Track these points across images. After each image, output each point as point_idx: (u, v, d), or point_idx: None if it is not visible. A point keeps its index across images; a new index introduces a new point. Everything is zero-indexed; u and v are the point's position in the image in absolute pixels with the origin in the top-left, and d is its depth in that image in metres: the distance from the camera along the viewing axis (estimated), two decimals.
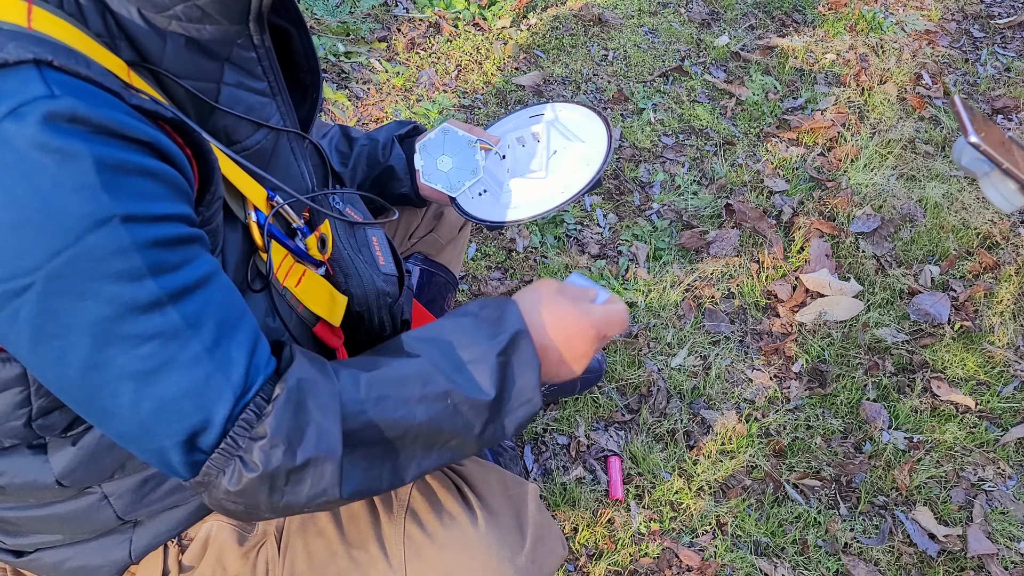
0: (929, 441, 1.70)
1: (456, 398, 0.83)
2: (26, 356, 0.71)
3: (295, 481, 0.77)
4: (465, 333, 0.88)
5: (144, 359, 0.70)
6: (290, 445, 0.76)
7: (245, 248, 0.91)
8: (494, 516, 0.99)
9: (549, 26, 2.72)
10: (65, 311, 0.67)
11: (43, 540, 0.96)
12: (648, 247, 2.06)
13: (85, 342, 0.68)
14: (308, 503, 0.79)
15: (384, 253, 1.11)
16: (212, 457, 0.75)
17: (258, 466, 0.75)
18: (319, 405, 0.78)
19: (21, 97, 0.63)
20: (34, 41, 0.66)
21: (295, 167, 1.00)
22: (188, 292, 0.71)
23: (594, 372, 1.72)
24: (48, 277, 0.65)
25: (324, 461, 0.77)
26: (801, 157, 2.34)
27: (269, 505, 0.78)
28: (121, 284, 0.67)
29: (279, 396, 0.76)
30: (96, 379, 0.70)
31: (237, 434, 0.74)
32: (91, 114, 0.64)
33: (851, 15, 2.86)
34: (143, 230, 0.67)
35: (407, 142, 1.28)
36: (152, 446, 0.74)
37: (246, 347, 0.77)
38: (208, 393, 0.73)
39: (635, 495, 1.61)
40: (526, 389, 0.87)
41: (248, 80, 0.88)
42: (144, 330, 0.69)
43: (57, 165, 0.63)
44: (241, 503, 0.78)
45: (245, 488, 0.76)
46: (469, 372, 0.85)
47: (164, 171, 0.70)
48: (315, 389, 0.79)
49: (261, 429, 0.75)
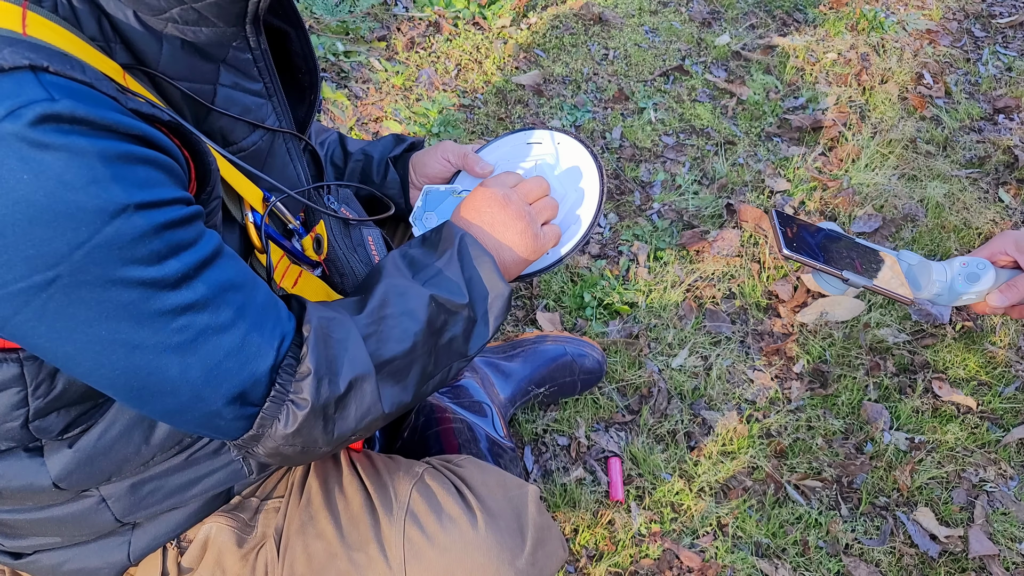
0: (930, 442, 1.70)
1: (439, 299, 0.92)
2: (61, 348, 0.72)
3: (343, 407, 0.85)
4: (419, 258, 0.97)
5: (181, 331, 0.73)
6: (332, 375, 0.83)
7: (242, 249, 0.92)
8: (494, 518, 0.99)
9: (549, 25, 2.72)
10: (96, 299, 0.69)
11: (41, 542, 0.96)
12: (649, 247, 2.06)
13: (122, 326, 0.71)
14: (357, 424, 0.87)
15: (380, 252, 1.11)
16: (265, 407, 0.80)
17: (308, 401, 0.81)
18: (343, 335, 0.85)
19: (19, 99, 0.63)
20: (29, 47, 0.66)
21: (291, 168, 1.01)
22: (208, 264, 0.75)
23: (594, 373, 1.71)
24: (73, 270, 0.67)
25: (363, 381, 0.85)
26: (802, 156, 2.33)
27: (325, 437, 0.85)
28: (145, 267, 0.70)
29: (309, 336, 0.83)
30: (140, 360, 0.73)
31: (283, 380, 0.81)
32: (90, 115, 0.65)
33: (852, 14, 2.85)
34: (156, 215, 0.70)
35: (401, 161, 1.27)
36: (204, 411, 0.78)
37: (271, 304, 0.82)
38: (249, 349, 0.78)
39: (636, 496, 1.60)
40: (491, 283, 0.96)
41: (244, 81, 0.88)
42: (176, 305, 0.72)
43: (63, 162, 0.64)
44: (299, 442, 0.84)
45: (301, 426, 0.82)
46: (440, 281, 0.94)
47: (162, 160, 0.72)
48: (333, 323, 0.86)
49: (304, 368, 0.82)
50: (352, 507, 1.02)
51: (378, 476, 1.04)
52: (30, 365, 0.79)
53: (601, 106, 2.47)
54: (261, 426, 0.81)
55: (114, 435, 0.87)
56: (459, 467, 1.07)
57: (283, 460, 0.87)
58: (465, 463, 1.08)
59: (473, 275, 0.95)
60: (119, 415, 0.87)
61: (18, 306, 0.67)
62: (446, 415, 1.49)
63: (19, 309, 0.67)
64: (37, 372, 0.79)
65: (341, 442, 0.88)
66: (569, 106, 2.44)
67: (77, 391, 0.82)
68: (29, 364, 0.79)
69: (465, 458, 1.10)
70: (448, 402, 1.52)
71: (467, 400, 1.56)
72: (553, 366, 1.68)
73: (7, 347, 0.77)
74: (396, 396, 0.89)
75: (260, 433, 0.82)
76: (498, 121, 2.38)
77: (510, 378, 1.65)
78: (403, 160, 1.27)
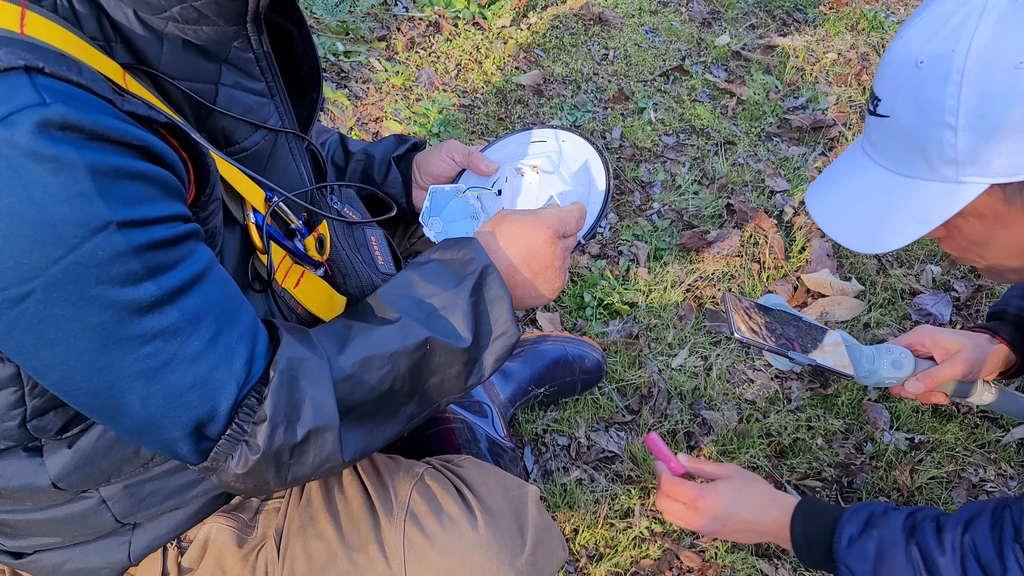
0: (930, 442, 1.70)
1: (434, 343, 0.87)
2: (29, 362, 0.71)
3: (299, 454, 0.81)
4: (433, 280, 0.90)
5: (148, 358, 0.72)
6: (290, 423, 0.79)
7: (244, 249, 0.91)
8: (494, 518, 0.99)
9: (549, 25, 2.72)
10: (67, 317, 0.67)
11: (42, 542, 0.96)
12: (649, 247, 2.06)
13: (89, 346, 0.69)
14: (314, 472, 0.83)
15: (383, 253, 1.10)
16: (219, 444, 0.78)
17: (261, 447, 0.78)
18: (311, 380, 0.81)
19: (11, 105, 0.63)
20: (25, 47, 0.66)
21: (294, 168, 1.00)
22: (186, 289, 0.73)
23: (594, 373, 1.71)
24: (47, 285, 0.65)
25: (324, 431, 0.81)
26: (802, 156, 2.33)
27: (277, 480, 0.82)
28: (120, 288, 0.68)
29: (273, 378, 0.79)
30: (103, 381, 0.71)
31: (241, 420, 0.78)
32: (82, 120, 0.65)
33: (852, 14, 2.86)
34: (139, 234, 0.68)
35: (404, 161, 1.27)
36: (161, 438, 0.77)
37: (247, 337, 0.79)
38: (213, 384, 0.76)
39: (636, 496, 1.60)
40: (499, 323, 0.90)
41: (246, 81, 0.88)
42: (146, 330, 0.71)
43: (51, 174, 0.63)
44: (250, 482, 0.81)
45: (252, 469, 0.79)
46: (444, 319, 0.88)
47: (157, 173, 0.70)
48: (304, 365, 0.82)
49: (262, 413, 0.78)
50: (352, 507, 1.02)
51: (378, 476, 1.04)
52: None
53: (601, 106, 2.47)
54: (215, 460, 0.79)
55: (113, 435, 0.87)
56: (459, 467, 1.07)
57: (238, 493, 0.86)
58: (465, 463, 1.08)
59: (483, 314, 0.90)
60: None
61: None
62: (446, 415, 1.49)
63: None
64: None
65: (296, 483, 0.86)
66: (569, 106, 2.44)
67: None
68: None
69: (465, 458, 1.10)
70: None
71: (467, 400, 1.56)
72: (553, 366, 1.68)
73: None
74: (361, 442, 0.86)
75: (214, 467, 0.80)
76: (498, 121, 2.38)
77: (510, 378, 1.65)
78: (406, 160, 1.27)
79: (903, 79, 0.90)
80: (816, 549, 1.12)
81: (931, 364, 1.30)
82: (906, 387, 1.29)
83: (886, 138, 0.95)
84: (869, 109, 0.97)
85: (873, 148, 0.98)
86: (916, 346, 1.32)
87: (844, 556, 1.07)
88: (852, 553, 1.06)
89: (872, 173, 0.97)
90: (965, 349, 1.27)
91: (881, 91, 0.94)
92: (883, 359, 1.27)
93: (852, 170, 1.01)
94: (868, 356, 1.27)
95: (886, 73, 0.93)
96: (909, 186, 0.93)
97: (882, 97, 0.94)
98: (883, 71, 0.94)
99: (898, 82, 0.91)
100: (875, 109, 0.95)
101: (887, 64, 0.93)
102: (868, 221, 0.97)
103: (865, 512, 1.09)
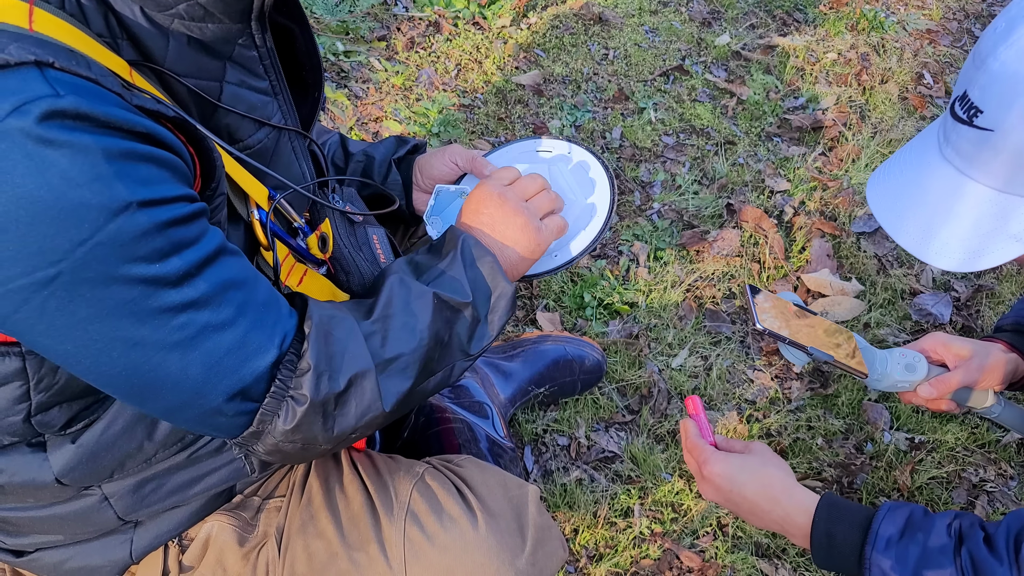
0: (931, 442, 1.70)
1: (443, 297, 0.93)
2: (61, 346, 0.72)
3: (342, 403, 0.85)
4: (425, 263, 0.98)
5: (182, 328, 0.74)
6: (332, 371, 0.83)
7: (248, 246, 0.92)
8: (494, 518, 0.99)
9: (549, 25, 2.72)
10: (97, 296, 0.69)
11: (43, 540, 0.96)
12: (649, 247, 2.06)
13: (122, 322, 0.71)
14: (358, 423, 0.87)
15: (385, 250, 1.11)
16: (265, 403, 0.81)
17: (307, 397, 0.82)
18: (344, 333, 0.86)
19: (24, 95, 0.63)
20: (35, 43, 0.66)
21: (296, 166, 1.01)
22: (210, 261, 0.75)
23: (594, 373, 1.71)
24: (75, 267, 0.67)
25: (362, 378, 0.85)
26: (802, 156, 2.34)
27: (324, 434, 0.85)
28: (147, 264, 0.70)
29: (310, 332, 0.83)
30: (139, 356, 0.73)
31: (283, 376, 0.81)
32: (94, 110, 0.66)
33: (852, 14, 2.86)
34: (159, 212, 0.70)
35: (404, 163, 1.27)
36: (204, 408, 0.78)
37: (273, 301, 0.83)
38: (250, 346, 0.78)
39: (636, 496, 1.61)
40: (492, 279, 0.97)
41: (250, 79, 0.89)
42: (177, 302, 0.73)
43: (68, 159, 0.64)
44: (298, 439, 0.84)
45: (301, 422, 0.82)
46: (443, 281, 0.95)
47: (166, 157, 0.72)
48: (334, 320, 0.86)
49: (304, 365, 0.82)
50: (353, 507, 1.02)
51: (379, 476, 1.04)
52: (32, 359, 0.79)
53: (601, 106, 2.47)
54: (261, 422, 0.81)
55: (117, 430, 0.88)
56: (459, 467, 1.07)
57: (283, 458, 0.87)
58: (465, 463, 1.08)
59: (476, 275, 0.96)
60: (122, 410, 0.87)
61: (18, 303, 0.67)
62: (446, 415, 1.49)
63: (19, 306, 0.67)
64: (39, 366, 0.79)
65: (341, 439, 0.88)
66: (569, 106, 2.44)
67: (80, 385, 0.82)
68: (31, 358, 0.78)
69: (465, 458, 1.10)
70: (448, 402, 1.53)
71: (467, 400, 1.56)
72: (553, 366, 1.68)
73: (8, 341, 0.77)
74: (397, 392, 0.89)
75: (260, 430, 0.82)
76: (498, 121, 2.38)
77: (510, 378, 1.65)
78: (406, 162, 1.27)
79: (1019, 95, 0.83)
80: (839, 549, 1.05)
81: (943, 371, 1.27)
82: (918, 391, 1.25)
83: (985, 153, 0.89)
84: (960, 117, 0.90)
85: (960, 158, 0.92)
86: (928, 352, 1.29)
87: (879, 559, 1.01)
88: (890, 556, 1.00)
89: (960, 186, 0.92)
90: (978, 356, 1.25)
91: (985, 103, 0.87)
92: (896, 362, 1.25)
93: (930, 180, 0.95)
94: (881, 359, 1.25)
95: (992, 85, 0.86)
96: (1009, 203, 0.89)
97: (985, 110, 0.87)
98: (988, 82, 0.86)
99: (1012, 98, 0.84)
100: (971, 120, 0.88)
101: (995, 76, 0.85)
102: (961, 239, 0.92)
103: (902, 514, 1.04)
